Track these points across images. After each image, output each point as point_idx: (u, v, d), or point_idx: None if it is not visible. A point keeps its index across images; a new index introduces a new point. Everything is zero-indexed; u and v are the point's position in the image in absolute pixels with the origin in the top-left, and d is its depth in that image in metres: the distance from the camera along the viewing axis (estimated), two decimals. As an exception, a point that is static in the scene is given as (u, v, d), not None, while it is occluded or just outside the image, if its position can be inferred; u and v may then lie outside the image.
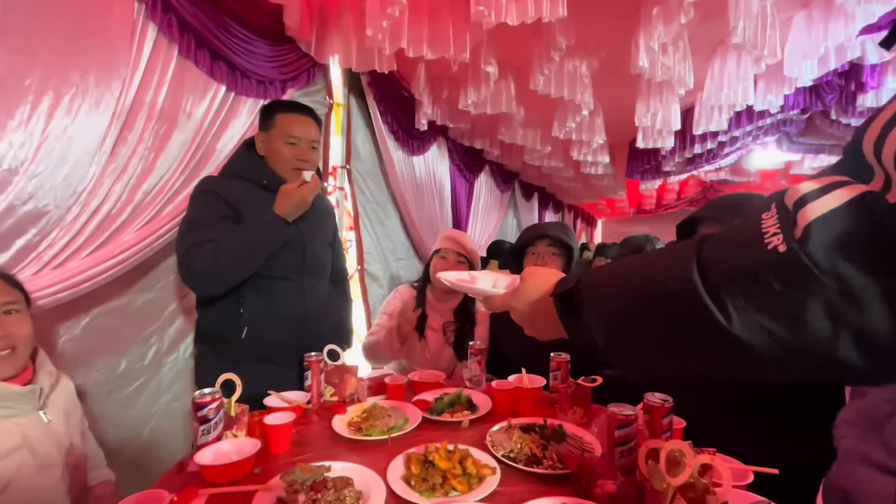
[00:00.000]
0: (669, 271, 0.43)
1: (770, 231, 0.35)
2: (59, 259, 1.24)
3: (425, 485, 0.91)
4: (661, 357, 0.47)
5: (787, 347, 0.34)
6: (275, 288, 1.44)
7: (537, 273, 0.69)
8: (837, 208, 0.32)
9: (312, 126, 1.49)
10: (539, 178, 5.53)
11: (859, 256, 0.31)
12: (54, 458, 1.00)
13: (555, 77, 2.41)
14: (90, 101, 1.26)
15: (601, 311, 0.53)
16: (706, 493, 0.75)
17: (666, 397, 1.03)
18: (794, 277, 0.33)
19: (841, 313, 0.31)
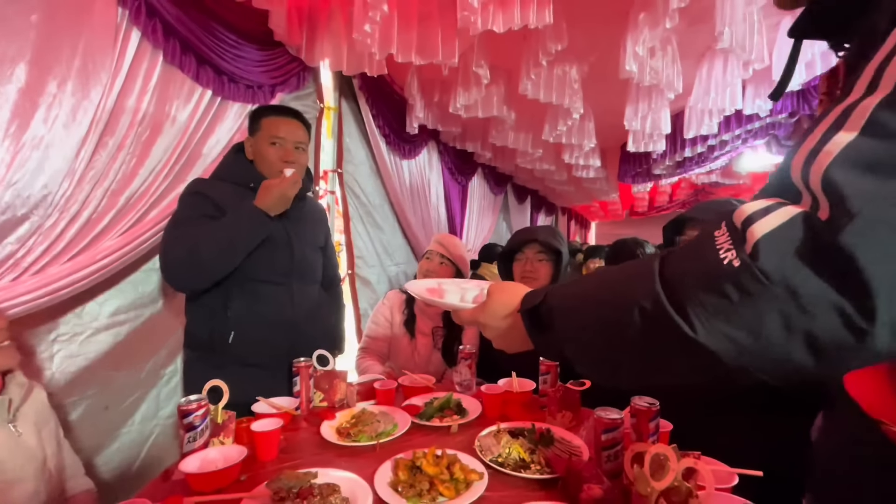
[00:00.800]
0: (634, 285, 0.46)
1: (724, 247, 0.39)
2: (39, 265, 1.22)
3: (412, 490, 0.90)
4: (631, 368, 0.50)
5: (749, 352, 0.38)
6: (262, 291, 1.44)
7: (504, 289, 0.70)
8: (781, 225, 0.37)
9: (299, 128, 1.49)
10: (532, 181, 5.56)
11: (804, 267, 0.34)
12: (26, 472, 0.99)
13: (544, 82, 2.43)
14: (68, 108, 1.25)
15: (570, 327, 0.55)
16: (689, 497, 0.76)
17: (653, 401, 1.04)
18: (749, 289, 0.36)
19: (792, 319, 0.35)
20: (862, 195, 0.33)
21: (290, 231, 1.50)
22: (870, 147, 0.34)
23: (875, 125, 0.34)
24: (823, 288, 0.34)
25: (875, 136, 0.34)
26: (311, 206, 1.69)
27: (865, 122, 0.35)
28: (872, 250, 0.32)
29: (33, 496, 0.98)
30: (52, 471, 1.07)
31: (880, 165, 0.33)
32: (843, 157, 0.34)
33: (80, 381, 1.48)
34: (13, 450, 0.98)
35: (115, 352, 1.57)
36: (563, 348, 0.56)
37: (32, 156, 1.19)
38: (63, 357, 1.44)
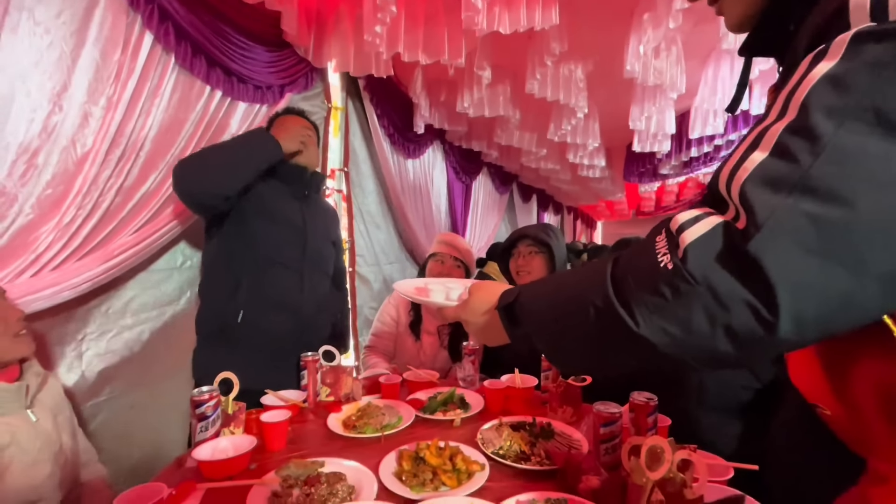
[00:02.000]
0: (590, 285, 0.52)
1: (661, 251, 0.45)
2: (57, 261, 1.26)
3: (416, 480, 0.93)
4: (590, 358, 0.57)
5: (682, 344, 0.44)
6: (273, 272, 1.48)
7: (484, 287, 0.77)
8: (705, 233, 0.42)
9: (304, 123, 1.66)
10: (537, 180, 5.56)
11: (722, 270, 0.40)
12: (43, 455, 1.03)
13: (550, 81, 2.44)
14: (78, 109, 1.30)
15: (538, 322, 0.62)
16: (683, 487, 0.78)
17: (651, 396, 1.06)
18: (680, 288, 0.42)
19: (714, 315, 0.41)
20: (767, 208, 0.38)
21: (306, 218, 1.55)
22: (775, 166, 0.39)
23: (780, 147, 0.39)
24: (738, 288, 0.39)
25: (780, 157, 0.39)
26: (325, 204, 1.78)
27: (773, 144, 0.40)
28: (775, 256, 0.37)
29: (50, 477, 1.02)
30: (67, 456, 1.11)
31: (782, 182, 0.38)
32: (755, 175, 0.40)
33: (108, 379, 1.52)
34: (31, 433, 1.02)
35: (141, 349, 1.61)
36: (532, 341, 0.62)
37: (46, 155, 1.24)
38: (92, 356, 1.48)
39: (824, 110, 0.37)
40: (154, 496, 0.79)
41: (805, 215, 0.36)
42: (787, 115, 0.40)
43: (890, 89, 0.35)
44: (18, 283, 1.18)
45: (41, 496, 0.99)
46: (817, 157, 0.36)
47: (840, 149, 0.36)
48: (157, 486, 0.81)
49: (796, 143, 0.38)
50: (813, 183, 0.36)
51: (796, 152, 0.38)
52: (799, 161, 0.37)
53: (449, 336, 1.95)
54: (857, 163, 0.36)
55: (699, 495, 0.75)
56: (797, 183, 0.37)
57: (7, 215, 1.19)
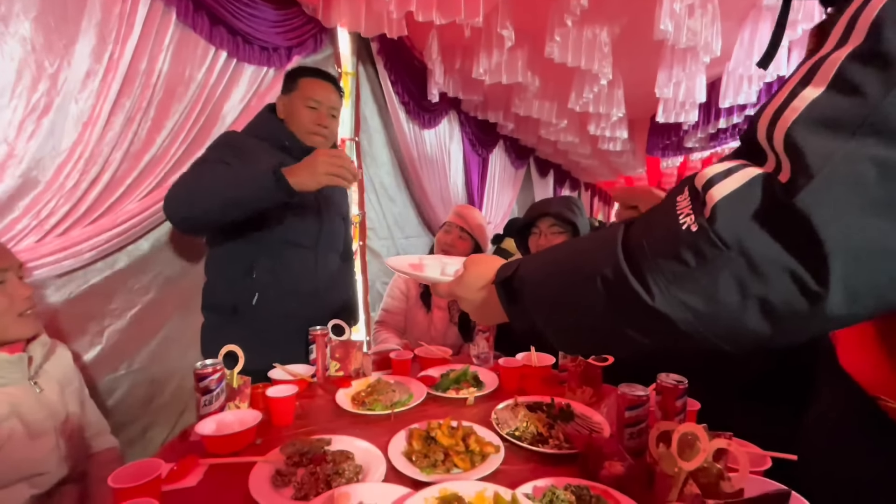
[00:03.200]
0: (598, 254, 0.45)
1: (684, 212, 0.38)
2: (62, 227, 1.23)
3: (426, 461, 0.89)
4: (597, 337, 0.50)
5: (704, 319, 0.37)
6: (288, 255, 1.43)
7: (480, 261, 0.71)
8: (739, 188, 0.35)
9: (334, 93, 1.47)
10: (555, 155, 5.38)
11: (758, 231, 0.34)
12: (46, 428, 1.00)
13: (571, 44, 2.29)
14: (77, 71, 1.23)
15: (537, 297, 0.55)
16: (720, 479, 0.71)
17: (681, 378, 0.99)
18: (705, 253, 0.35)
19: (747, 284, 0.34)
20: (822, 154, 0.31)
21: (320, 198, 1.47)
22: (834, 103, 0.31)
23: (841, 79, 0.31)
24: (778, 251, 0.33)
25: (841, 92, 0.31)
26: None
27: (833, 75, 0.32)
28: (828, 211, 0.30)
29: (54, 450, 1.00)
30: (74, 427, 1.10)
31: (844, 123, 0.30)
32: (807, 115, 0.32)
33: (126, 354, 1.52)
34: (34, 405, 1.00)
35: (159, 325, 1.61)
36: (533, 318, 0.56)
37: (45, 119, 1.18)
38: (112, 332, 1.48)
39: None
40: (152, 472, 0.75)
41: (872, 161, 0.30)
42: (852, 40, 0.32)
43: None
44: (23, 248, 1.15)
45: (44, 469, 0.97)
46: (892, 88, 0.29)
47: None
48: (155, 462, 0.78)
49: (864, 73, 0.30)
50: (885, 120, 0.29)
51: (863, 84, 0.30)
52: (866, 94, 0.30)
53: (459, 313, 1.89)
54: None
55: (738, 488, 0.68)
56: (864, 121, 0.30)
57: (14, 176, 1.15)
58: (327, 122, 1.46)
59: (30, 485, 0.95)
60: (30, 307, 1.05)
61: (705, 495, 0.68)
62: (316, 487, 0.80)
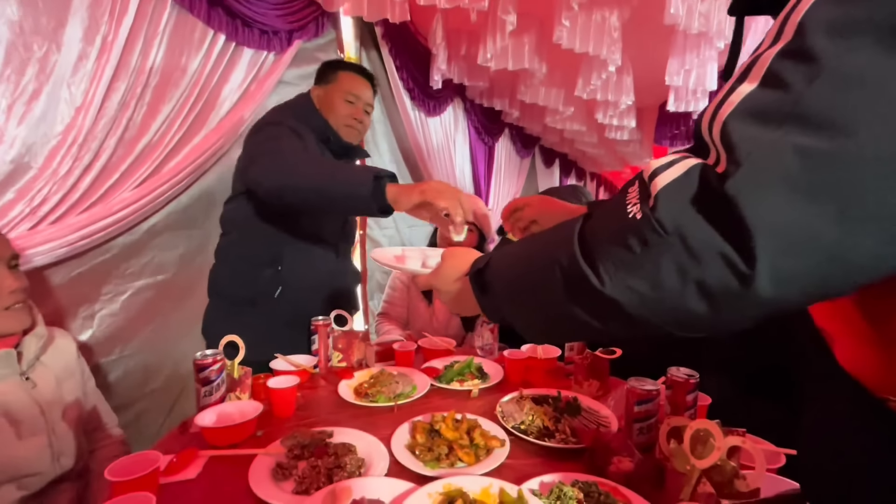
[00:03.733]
0: (557, 243, 0.47)
1: (632, 201, 0.40)
2: (56, 214, 1.20)
3: (430, 455, 0.87)
4: (556, 322, 0.51)
5: (649, 303, 0.39)
6: (314, 250, 1.43)
7: (456, 254, 0.73)
8: (678, 177, 0.37)
9: (370, 90, 1.51)
10: (560, 144, 5.30)
11: (694, 217, 0.35)
12: (38, 426, 0.96)
13: (580, 29, 2.22)
14: (68, 54, 1.20)
15: (505, 287, 0.58)
16: (735, 477, 0.69)
17: (692, 372, 0.96)
18: (648, 240, 0.37)
19: (685, 269, 0.36)
20: (750, 144, 0.33)
21: None
22: (764, 97, 0.34)
23: (771, 75, 0.33)
24: (712, 235, 0.34)
25: (770, 86, 0.33)
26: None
27: (764, 72, 0.34)
28: (754, 197, 0.32)
29: (45, 448, 0.96)
30: (72, 422, 1.05)
31: (771, 114, 0.33)
32: (741, 108, 0.35)
33: (119, 340, 1.51)
34: (25, 402, 0.95)
35: (152, 310, 1.59)
36: (501, 309, 0.59)
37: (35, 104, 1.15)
38: (104, 316, 1.46)
39: (825, 26, 0.31)
40: (149, 465, 0.74)
41: (794, 149, 0.31)
42: (783, 38, 0.34)
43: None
44: (16, 236, 1.12)
45: (35, 470, 0.93)
46: (813, 81, 0.31)
47: (841, 70, 0.30)
48: (153, 455, 0.76)
49: (790, 68, 0.32)
50: (806, 111, 0.31)
51: (789, 78, 0.32)
52: (791, 88, 0.32)
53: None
54: (861, 85, 0.30)
55: (755, 488, 0.66)
56: (789, 112, 0.32)
57: (5, 162, 1.12)
58: (363, 118, 1.48)
59: (18, 486, 0.90)
60: (17, 301, 0.98)
61: (719, 494, 0.66)
62: (317, 481, 0.78)
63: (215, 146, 1.58)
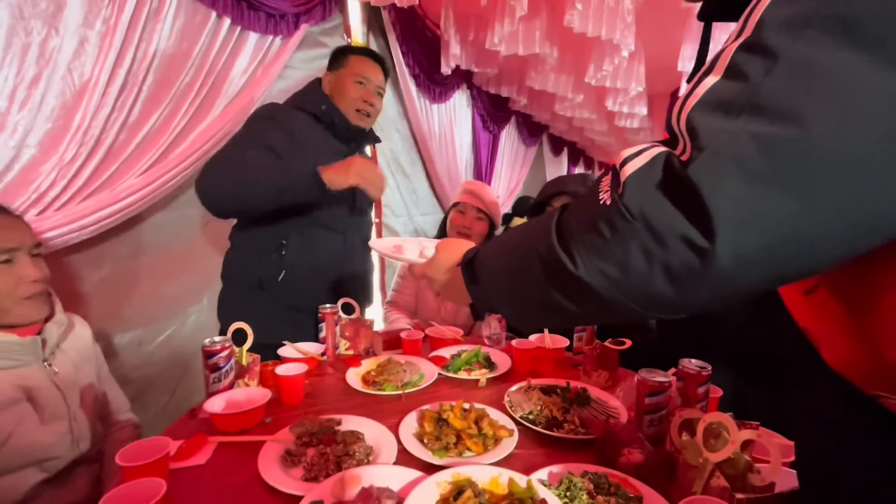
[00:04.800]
0: (538, 232, 0.50)
1: (604, 189, 0.42)
2: (62, 200, 1.20)
3: (438, 444, 0.86)
4: (538, 311, 0.54)
5: (620, 286, 0.41)
6: (319, 236, 1.43)
7: (450, 245, 0.76)
8: (644, 165, 0.39)
9: (381, 73, 1.50)
10: (569, 132, 5.24)
11: (658, 201, 0.37)
12: (60, 411, 0.97)
13: (593, 12, 2.16)
14: (68, 39, 1.18)
15: (492, 276, 0.61)
16: (749, 471, 0.68)
17: (704, 364, 0.95)
18: (617, 225, 0.39)
19: (651, 252, 0.38)
20: (712, 132, 0.35)
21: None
22: (725, 88, 0.36)
23: (732, 67, 0.35)
24: (675, 219, 0.36)
25: (731, 78, 0.35)
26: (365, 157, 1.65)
27: (727, 64, 0.36)
28: (714, 181, 0.34)
29: (66, 434, 0.97)
30: (89, 407, 1.06)
31: (731, 104, 0.34)
32: (704, 99, 0.37)
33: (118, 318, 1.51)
34: (48, 388, 0.96)
35: (151, 290, 1.60)
36: (489, 297, 0.62)
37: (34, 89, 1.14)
38: (104, 293, 1.46)
39: (781, 22, 0.33)
40: (160, 450, 0.74)
41: (751, 136, 0.33)
42: (744, 34, 0.36)
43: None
44: (27, 221, 1.12)
45: (56, 454, 0.94)
46: (769, 72, 0.33)
47: (795, 62, 0.32)
48: (163, 441, 0.76)
49: (749, 61, 0.34)
50: (763, 101, 0.33)
51: (748, 70, 0.34)
52: (750, 79, 0.34)
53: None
54: (813, 76, 0.32)
55: (770, 482, 0.65)
56: (747, 102, 0.34)
57: (8, 147, 1.12)
58: (374, 100, 1.47)
59: (40, 469, 0.92)
60: (38, 290, 0.98)
61: (733, 488, 0.65)
62: (326, 468, 0.78)
63: (222, 132, 1.56)
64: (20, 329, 0.96)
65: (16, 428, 0.88)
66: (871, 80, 0.30)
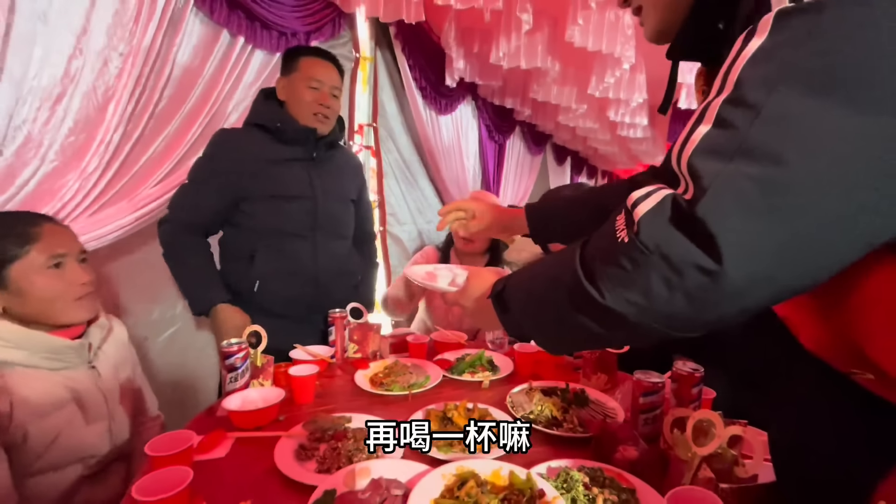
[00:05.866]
0: (561, 267, 0.56)
1: (620, 228, 0.48)
2: (78, 211, 1.27)
3: (443, 441, 0.91)
4: (569, 334, 0.59)
5: (645, 311, 0.46)
6: (286, 245, 1.44)
7: (480, 275, 0.83)
8: (655, 206, 0.45)
9: (335, 72, 1.47)
10: (573, 141, 5.29)
11: (671, 237, 0.43)
12: (101, 412, 1.02)
13: (593, 27, 2.23)
14: (96, 55, 1.26)
15: (522, 307, 0.66)
16: (734, 465, 0.72)
17: (696, 366, 0.99)
18: (637, 259, 0.45)
19: (670, 279, 0.43)
20: (711, 174, 0.41)
21: (315, 184, 1.47)
22: (717, 136, 0.42)
23: (720, 119, 0.42)
24: (688, 251, 0.41)
25: (720, 127, 0.42)
26: (344, 157, 1.64)
27: (715, 116, 0.42)
28: (720, 215, 0.40)
29: (106, 433, 1.02)
30: (127, 407, 1.12)
31: (724, 149, 0.41)
32: (701, 146, 0.43)
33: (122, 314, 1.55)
34: (92, 389, 1.01)
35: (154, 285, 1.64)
36: (521, 324, 0.67)
37: (63, 102, 1.21)
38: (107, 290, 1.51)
39: (758, 80, 0.40)
40: (184, 443, 0.79)
41: (745, 176, 0.39)
42: (725, 89, 0.42)
43: (811, 56, 0.37)
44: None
45: (97, 452, 1.00)
46: (753, 123, 0.39)
47: (773, 113, 0.38)
48: (187, 434, 0.82)
49: (734, 113, 0.41)
50: (751, 146, 0.39)
51: (735, 121, 0.40)
52: (738, 128, 0.40)
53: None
54: (788, 124, 0.38)
55: (753, 474, 0.69)
56: (737, 148, 0.40)
57: (32, 161, 1.18)
58: (330, 102, 1.45)
59: (83, 465, 0.98)
60: (87, 292, 1.04)
61: (719, 480, 0.69)
62: (338, 462, 0.83)
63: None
64: (67, 330, 1.02)
65: (64, 428, 0.93)
66: (834, 121, 0.36)
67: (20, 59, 1.14)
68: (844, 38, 0.36)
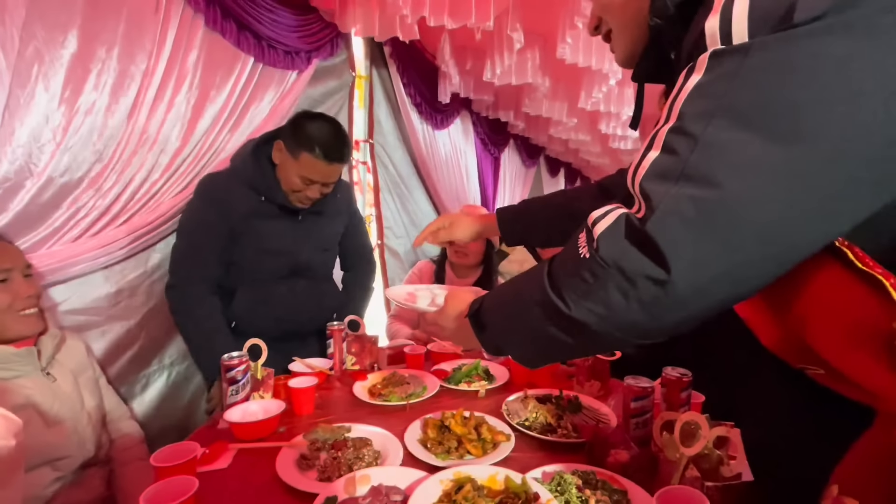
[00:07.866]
0: (531, 284, 0.60)
1: (582, 244, 0.53)
2: (97, 227, 1.30)
3: (441, 448, 0.94)
4: (543, 349, 0.64)
5: (606, 320, 0.50)
6: (264, 289, 1.50)
7: (457, 295, 0.86)
8: (611, 224, 0.50)
9: (337, 171, 1.44)
10: (565, 153, 5.38)
11: (625, 252, 0.47)
12: (63, 415, 1.06)
13: (582, 45, 2.31)
14: (117, 74, 1.30)
15: (497, 325, 0.70)
16: (720, 464, 0.75)
17: (685, 371, 1.02)
18: (597, 273, 0.49)
19: (626, 290, 0.47)
20: (659, 196, 0.45)
21: (298, 238, 1.52)
22: (664, 161, 0.46)
23: (666, 145, 0.47)
24: (640, 264, 0.46)
25: (667, 153, 0.46)
26: (333, 201, 1.58)
27: (662, 143, 0.47)
28: (665, 231, 0.45)
29: (72, 434, 1.06)
30: (92, 413, 1.16)
31: (670, 173, 0.45)
32: (650, 170, 0.47)
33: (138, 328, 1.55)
34: (48, 395, 1.05)
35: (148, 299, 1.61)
36: (497, 342, 0.71)
37: (86, 121, 1.25)
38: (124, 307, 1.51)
39: (696, 113, 0.44)
40: (188, 454, 0.81)
41: (687, 197, 0.44)
42: (671, 119, 0.47)
43: (740, 92, 0.42)
44: (60, 247, 1.23)
45: (65, 453, 1.03)
46: (693, 150, 0.44)
47: (709, 142, 0.43)
48: (191, 445, 0.84)
49: (678, 141, 0.45)
50: (691, 171, 0.44)
51: (678, 148, 0.45)
52: (680, 155, 0.45)
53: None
54: (720, 152, 0.43)
55: (737, 473, 0.72)
56: (681, 173, 0.44)
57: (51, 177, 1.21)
58: (316, 195, 1.45)
59: (52, 468, 1.01)
60: (32, 306, 1.08)
61: (705, 479, 0.72)
62: (338, 470, 0.85)
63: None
64: (17, 343, 1.06)
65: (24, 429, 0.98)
66: (758, 149, 0.41)
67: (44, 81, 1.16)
68: (767, 78, 0.41)
